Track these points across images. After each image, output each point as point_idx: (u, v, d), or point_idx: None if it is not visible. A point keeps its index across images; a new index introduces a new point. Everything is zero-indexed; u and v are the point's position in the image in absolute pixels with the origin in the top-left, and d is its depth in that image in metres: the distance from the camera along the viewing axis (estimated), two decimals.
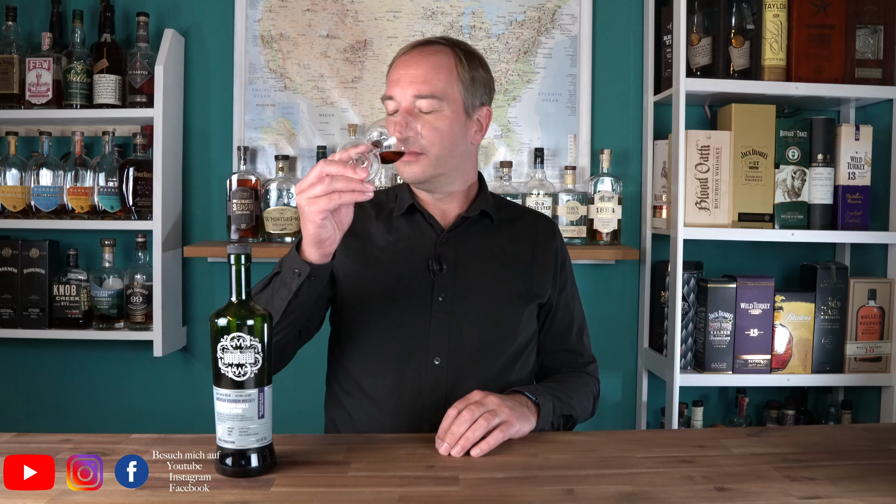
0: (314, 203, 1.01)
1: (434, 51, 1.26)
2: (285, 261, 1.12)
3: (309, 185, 1.01)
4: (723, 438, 1.13)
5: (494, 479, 0.96)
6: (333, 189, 1.00)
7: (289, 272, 1.11)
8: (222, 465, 0.95)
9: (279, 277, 1.13)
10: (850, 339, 1.99)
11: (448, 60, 1.25)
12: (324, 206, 1.01)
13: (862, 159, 1.97)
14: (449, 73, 1.24)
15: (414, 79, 1.22)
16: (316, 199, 1.01)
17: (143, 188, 2.01)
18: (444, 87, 1.23)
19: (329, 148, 2.13)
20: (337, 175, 1.00)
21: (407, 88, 1.22)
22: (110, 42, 2.03)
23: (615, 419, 2.24)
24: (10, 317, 2.03)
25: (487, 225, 1.35)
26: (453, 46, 1.28)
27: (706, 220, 1.96)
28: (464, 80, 1.26)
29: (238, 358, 0.93)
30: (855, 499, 0.90)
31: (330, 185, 1.00)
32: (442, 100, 1.23)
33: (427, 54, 1.25)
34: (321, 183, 1.00)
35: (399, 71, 1.25)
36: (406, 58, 1.26)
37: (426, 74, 1.23)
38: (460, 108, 1.26)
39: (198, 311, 2.20)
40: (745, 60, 1.97)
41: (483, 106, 1.31)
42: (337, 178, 1.00)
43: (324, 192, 1.00)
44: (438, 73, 1.23)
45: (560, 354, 1.40)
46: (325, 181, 1.00)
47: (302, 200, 1.02)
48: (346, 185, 1.00)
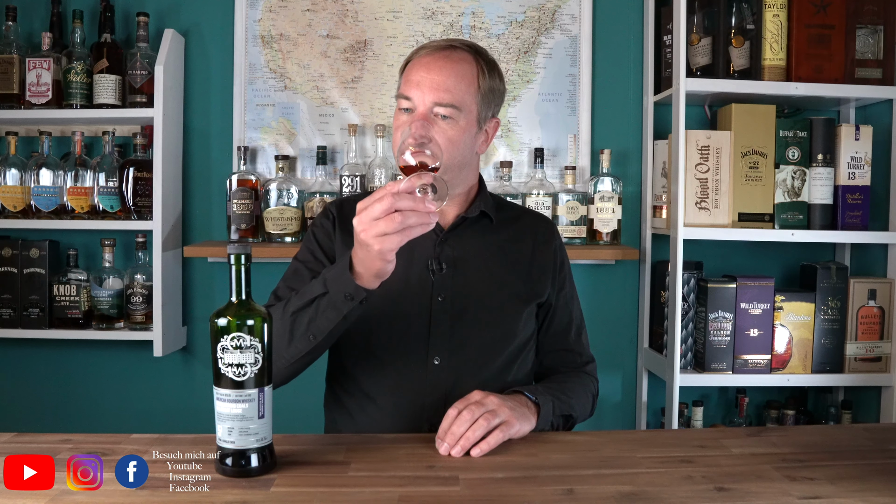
0: (386, 242, 0.97)
1: (459, 58, 1.24)
2: (333, 282, 1.08)
3: (375, 222, 0.96)
4: (723, 438, 1.13)
5: (494, 479, 0.97)
6: (407, 226, 0.96)
7: (339, 295, 1.07)
8: (222, 465, 0.95)
9: (327, 298, 1.09)
10: (850, 339, 1.99)
11: (471, 70, 1.24)
12: (396, 244, 0.97)
13: (862, 159, 1.97)
14: (469, 84, 1.23)
15: (436, 85, 1.20)
16: (387, 237, 0.96)
17: (143, 188, 2.01)
18: (464, 98, 1.22)
19: (329, 148, 2.13)
20: (409, 210, 0.95)
21: (428, 94, 1.20)
22: (110, 42, 2.03)
23: (615, 419, 2.24)
24: (10, 317, 2.03)
25: (487, 225, 1.35)
26: (476, 55, 1.26)
27: (706, 220, 1.96)
28: (483, 92, 1.25)
29: (238, 358, 0.93)
30: (855, 499, 0.90)
31: (403, 222, 0.95)
32: (460, 110, 1.21)
33: (452, 61, 1.23)
34: (391, 220, 0.95)
35: (420, 73, 1.22)
36: (429, 60, 1.23)
37: (448, 82, 1.21)
38: (474, 120, 1.25)
39: (198, 311, 2.20)
40: (745, 60, 1.97)
41: (493, 117, 1.30)
42: (409, 213, 0.95)
43: (396, 231, 0.96)
44: (460, 83, 1.21)
45: (559, 354, 1.40)
46: (397, 218, 0.95)
47: (370, 239, 0.97)
48: (418, 219, 0.96)
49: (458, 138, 1.22)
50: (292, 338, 1.13)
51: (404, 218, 0.95)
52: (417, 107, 1.21)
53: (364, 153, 2.14)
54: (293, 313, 1.12)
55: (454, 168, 1.25)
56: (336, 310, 1.08)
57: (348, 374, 1.30)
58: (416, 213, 0.96)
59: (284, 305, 1.15)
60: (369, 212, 0.97)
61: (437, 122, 1.21)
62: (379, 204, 0.96)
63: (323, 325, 1.10)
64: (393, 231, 0.96)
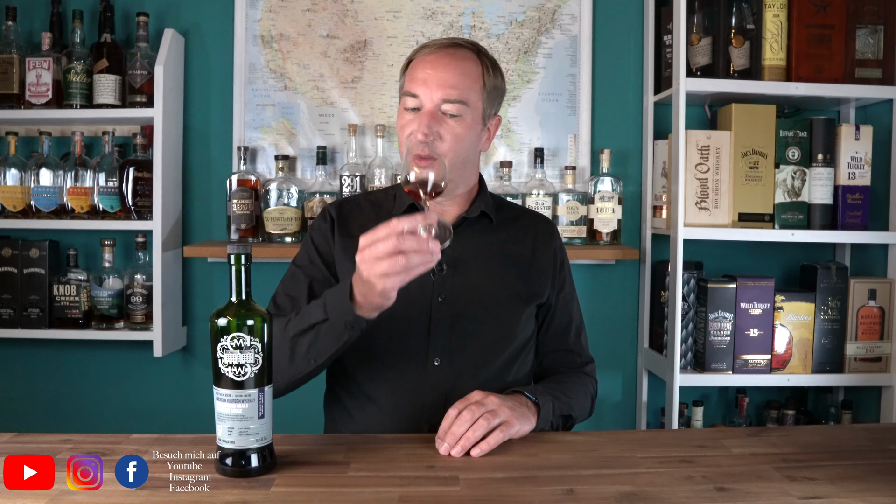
0: (388, 281, 0.97)
1: (463, 56, 1.25)
2: (334, 309, 1.08)
3: (378, 261, 0.96)
4: (723, 438, 1.13)
5: (494, 479, 0.97)
6: (410, 266, 0.95)
7: (340, 323, 1.07)
8: (222, 465, 0.95)
9: (328, 324, 1.09)
10: (850, 339, 1.99)
11: (476, 68, 1.25)
12: (399, 284, 0.98)
13: (862, 159, 1.97)
14: (475, 81, 1.24)
15: (444, 82, 1.21)
16: (389, 277, 0.97)
17: (143, 188, 2.01)
18: (470, 95, 1.23)
19: (329, 148, 2.13)
20: (411, 252, 0.95)
21: (435, 91, 1.21)
22: (110, 42, 2.03)
23: (615, 419, 2.24)
24: (10, 317, 2.03)
25: (487, 225, 1.35)
26: (479, 54, 1.27)
27: (706, 220, 1.96)
28: (488, 89, 1.26)
29: (238, 358, 0.93)
30: (855, 499, 0.90)
31: (407, 264, 0.95)
32: (467, 106, 1.22)
33: (457, 59, 1.24)
34: (395, 262, 0.95)
35: (426, 70, 1.23)
36: (434, 58, 1.24)
37: (455, 79, 1.22)
38: (479, 117, 1.26)
39: (198, 311, 2.20)
40: (745, 60, 1.97)
41: (495, 115, 1.32)
42: (412, 254, 0.95)
43: (399, 271, 0.96)
44: (466, 80, 1.23)
45: (558, 354, 1.40)
46: (401, 260, 0.95)
47: (373, 278, 0.97)
48: (421, 259, 0.96)
49: (465, 135, 1.24)
50: (293, 359, 1.14)
51: (408, 260, 0.95)
52: (425, 104, 1.22)
53: (364, 153, 2.14)
54: (293, 337, 1.13)
55: (459, 165, 1.25)
56: (336, 336, 1.09)
57: (348, 375, 1.30)
58: (419, 254, 0.95)
59: (285, 326, 1.15)
60: (372, 250, 0.97)
61: (445, 119, 1.22)
62: (383, 244, 0.96)
63: (323, 350, 1.11)
64: (396, 273, 0.96)
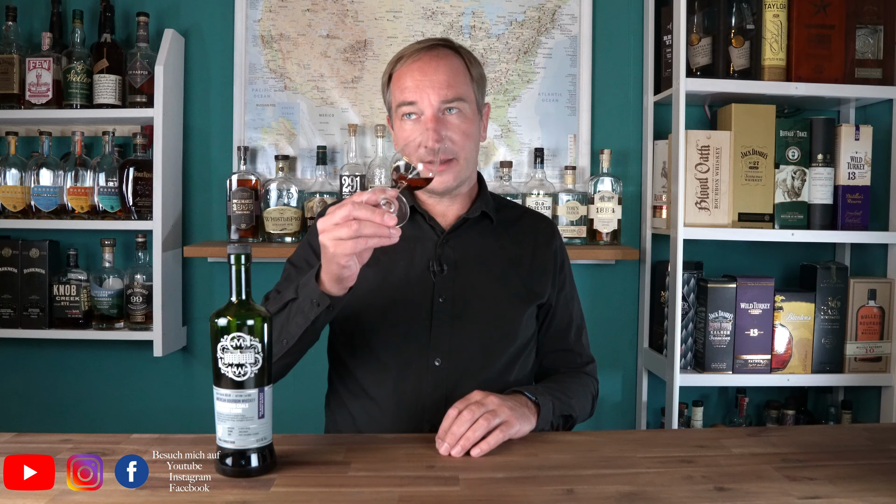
0: (340, 246, 0.99)
1: (445, 54, 1.26)
2: (303, 288, 1.10)
3: (335, 227, 0.99)
4: (723, 438, 1.13)
5: (494, 479, 0.96)
6: (361, 234, 0.98)
7: (307, 301, 1.09)
8: (222, 465, 0.95)
9: (296, 304, 1.11)
10: (850, 339, 1.99)
11: (460, 62, 1.27)
12: (350, 249, 0.99)
13: (862, 159, 1.97)
14: (464, 75, 1.26)
15: (439, 84, 1.22)
16: (342, 241, 0.99)
17: (143, 188, 2.01)
18: (464, 89, 1.25)
19: (329, 148, 2.13)
20: (365, 220, 0.97)
21: (432, 94, 1.22)
22: (110, 42, 2.03)
23: (615, 419, 2.24)
24: (10, 317, 2.03)
25: (487, 226, 1.35)
26: (456, 49, 1.29)
27: (706, 220, 1.96)
28: (476, 80, 1.28)
29: (238, 358, 0.93)
30: (855, 499, 0.90)
31: (358, 230, 0.97)
32: (465, 101, 1.24)
33: (441, 58, 1.25)
34: (348, 227, 0.98)
35: (416, 76, 1.23)
36: (420, 64, 1.24)
37: (449, 79, 1.23)
38: (476, 109, 1.28)
39: (198, 311, 2.20)
40: (745, 60, 1.97)
41: (486, 103, 1.34)
42: (365, 222, 0.97)
43: (350, 237, 0.98)
44: (457, 76, 1.24)
45: (559, 354, 1.40)
46: (353, 225, 0.97)
47: (327, 241, 1.00)
48: (374, 230, 0.98)
49: (470, 129, 1.26)
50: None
51: (360, 226, 0.97)
52: (424, 110, 1.22)
53: (364, 153, 2.14)
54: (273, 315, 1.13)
55: (472, 160, 1.28)
56: (303, 315, 1.10)
57: (350, 375, 1.30)
58: (372, 224, 0.97)
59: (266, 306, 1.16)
60: (331, 216, 1.00)
61: (448, 120, 1.22)
62: (340, 210, 0.99)
63: (293, 331, 1.12)
64: (347, 237, 0.98)
